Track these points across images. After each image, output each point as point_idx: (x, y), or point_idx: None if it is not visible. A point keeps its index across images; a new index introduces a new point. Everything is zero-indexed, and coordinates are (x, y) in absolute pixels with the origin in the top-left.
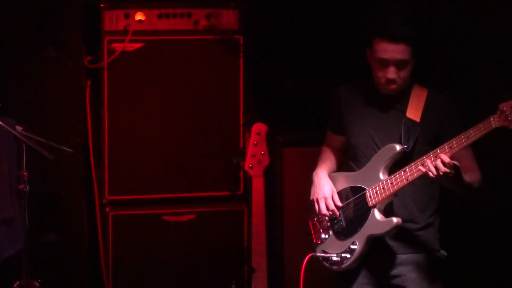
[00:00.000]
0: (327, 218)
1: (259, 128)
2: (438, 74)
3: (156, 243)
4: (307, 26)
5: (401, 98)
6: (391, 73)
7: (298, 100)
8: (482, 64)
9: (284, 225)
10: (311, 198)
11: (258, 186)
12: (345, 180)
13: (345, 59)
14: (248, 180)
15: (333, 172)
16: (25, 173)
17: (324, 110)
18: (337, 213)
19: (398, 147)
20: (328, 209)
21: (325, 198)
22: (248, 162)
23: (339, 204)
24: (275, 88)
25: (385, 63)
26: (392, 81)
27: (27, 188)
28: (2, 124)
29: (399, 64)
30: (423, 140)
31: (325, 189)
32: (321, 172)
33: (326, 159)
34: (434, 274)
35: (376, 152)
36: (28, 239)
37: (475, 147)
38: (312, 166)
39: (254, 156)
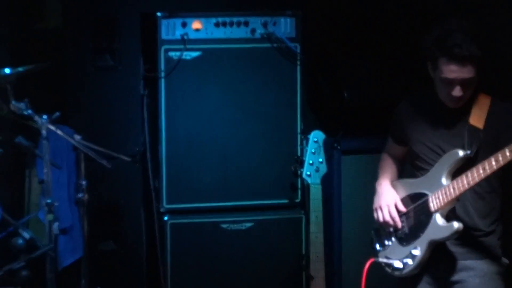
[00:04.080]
0: (391, 225)
1: (316, 136)
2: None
3: (214, 251)
4: (364, 33)
5: (464, 106)
6: (457, 91)
7: (355, 107)
8: None
9: (342, 232)
10: (374, 207)
11: (315, 194)
12: (408, 187)
13: (403, 66)
14: (306, 188)
15: (395, 180)
16: (83, 182)
17: (381, 118)
18: (399, 222)
19: (461, 153)
20: (390, 216)
21: (388, 206)
22: (306, 170)
23: (403, 209)
24: (332, 95)
25: (450, 83)
26: (457, 99)
27: (86, 197)
28: (61, 133)
29: (465, 83)
30: (486, 146)
31: (388, 197)
32: (384, 181)
33: (387, 169)
34: (495, 281)
35: (439, 159)
36: (87, 248)
37: None
38: (370, 173)
39: (311, 164)
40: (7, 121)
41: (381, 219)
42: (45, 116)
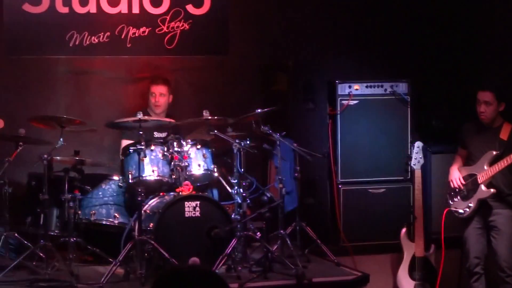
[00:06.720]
0: (457, 190)
1: (418, 144)
2: None
3: (366, 205)
4: (445, 90)
5: (497, 129)
6: (481, 108)
7: (439, 129)
8: None
9: (431, 194)
10: (449, 179)
11: (418, 173)
12: (467, 170)
13: (465, 105)
14: (412, 171)
15: (460, 167)
16: (297, 167)
17: (453, 134)
18: (461, 186)
19: (494, 152)
20: (458, 182)
21: (455, 178)
22: (413, 162)
23: (463, 181)
24: (426, 123)
25: (478, 102)
26: (482, 113)
27: (299, 175)
28: (286, 142)
29: (485, 103)
30: (508, 150)
31: (455, 174)
32: (454, 167)
33: (457, 161)
34: None
35: (483, 156)
36: (299, 201)
37: None
38: (446, 165)
39: (416, 158)
40: (258, 136)
41: (452, 185)
42: (278, 133)
